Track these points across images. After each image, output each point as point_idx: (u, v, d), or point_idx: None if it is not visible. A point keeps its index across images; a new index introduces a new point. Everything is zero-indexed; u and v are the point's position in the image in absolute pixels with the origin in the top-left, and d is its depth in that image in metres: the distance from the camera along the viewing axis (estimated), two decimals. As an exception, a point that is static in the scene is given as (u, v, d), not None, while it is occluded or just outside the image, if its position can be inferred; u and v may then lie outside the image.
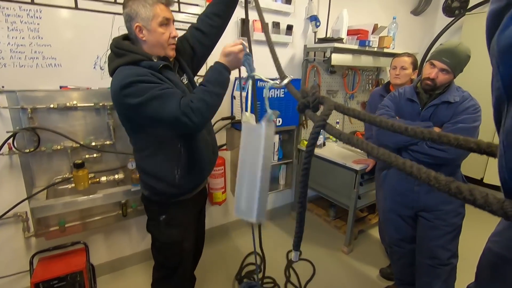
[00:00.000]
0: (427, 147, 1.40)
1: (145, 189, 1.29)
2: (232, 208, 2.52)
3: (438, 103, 1.42)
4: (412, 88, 1.53)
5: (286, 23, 2.31)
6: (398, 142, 1.48)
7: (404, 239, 1.68)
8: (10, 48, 1.44)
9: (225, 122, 2.19)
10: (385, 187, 1.68)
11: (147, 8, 1.06)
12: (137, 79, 1.01)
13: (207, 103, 1.04)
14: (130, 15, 1.08)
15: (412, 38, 3.40)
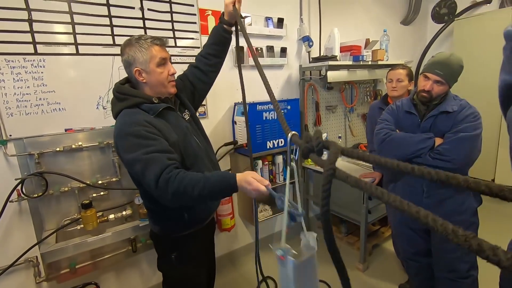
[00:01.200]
0: (430, 158, 1.39)
1: (153, 224, 1.29)
2: (240, 233, 2.49)
3: (437, 113, 1.43)
4: (409, 100, 1.54)
5: (280, 46, 2.38)
6: (402, 155, 1.46)
7: (419, 252, 1.64)
8: (16, 98, 1.49)
9: (229, 147, 2.21)
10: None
11: (143, 52, 1.10)
12: (130, 132, 1.03)
13: (188, 193, 0.97)
14: (128, 61, 1.12)
15: (404, 47, 3.45)
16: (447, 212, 1.45)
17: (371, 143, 2.14)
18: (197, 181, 0.98)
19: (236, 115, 2.18)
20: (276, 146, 2.22)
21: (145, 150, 1.00)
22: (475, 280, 1.53)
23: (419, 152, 1.41)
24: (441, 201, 1.46)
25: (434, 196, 1.46)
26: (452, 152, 1.35)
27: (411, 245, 1.65)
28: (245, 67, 2.25)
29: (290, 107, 2.25)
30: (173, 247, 1.25)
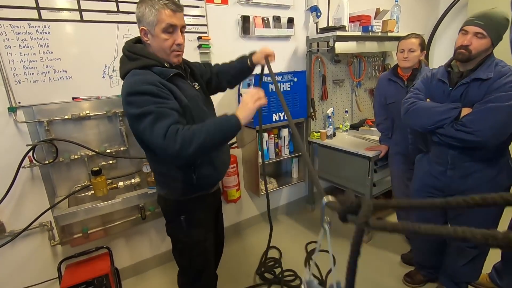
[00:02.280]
0: (453, 129, 1.32)
1: (162, 188, 1.28)
2: (246, 206, 2.54)
3: (469, 81, 1.31)
4: (443, 67, 1.44)
5: (287, 16, 2.31)
6: (424, 125, 1.43)
7: (423, 220, 1.66)
8: (23, 65, 1.49)
9: (234, 120, 2.20)
10: (418, 168, 1.64)
11: (152, 12, 1.03)
12: (143, 89, 1.00)
13: (198, 140, 0.98)
14: (138, 17, 1.08)
15: (416, 19, 3.33)
16: (471, 187, 1.41)
17: (378, 115, 2.12)
18: (203, 125, 1.02)
19: (242, 87, 2.16)
20: (282, 119, 2.21)
21: (158, 105, 1.00)
22: (482, 253, 1.53)
23: (441, 123, 1.36)
24: (467, 175, 1.41)
25: (459, 169, 1.42)
26: (476, 123, 1.25)
27: (423, 213, 1.65)
28: (251, 37, 2.21)
29: (296, 79, 2.22)
30: (181, 210, 1.26)
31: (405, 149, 1.97)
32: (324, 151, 2.53)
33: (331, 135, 2.51)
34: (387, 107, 2.02)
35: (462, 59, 1.33)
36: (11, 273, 1.64)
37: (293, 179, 2.54)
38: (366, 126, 2.69)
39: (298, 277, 1.96)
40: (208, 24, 2.00)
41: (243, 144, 2.29)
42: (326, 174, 2.59)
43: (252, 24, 2.16)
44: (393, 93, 1.95)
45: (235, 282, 1.96)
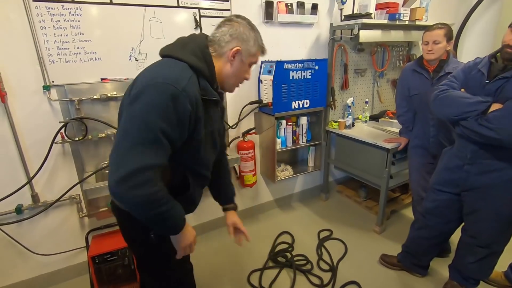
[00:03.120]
0: (477, 123, 1.29)
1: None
2: (261, 191, 2.59)
3: (509, 76, 1.24)
4: (488, 57, 1.37)
5: (311, 2, 2.27)
6: (449, 114, 1.40)
7: (435, 212, 1.64)
8: (56, 45, 1.57)
9: (253, 106, 2.23)
10: (439, 162, 1.62)
11: (256, 44, 1.02)
12: (169, 95, 0.80)
13: (153, 211, 0.81)
14: (237, 36, 0.97)
15: (447, 8, 3.17)
16: (487, 184, 1.39)
17: (400, 107, 2.08)
18: (172, 204, 0.86)
19: (262, 74, 2.17)
20: (301, 106, 2.21)
21: (162, 125, 0.79)
22: (494, 253, 1.51)
23: (465, 115, 1.32)
24: (484, 172, 1.38)
25: (477, 165, 1.39)
26: (500, 120, 1.21)
27: (433, 203, 1.63)
28: (274, 23, 2.19)
29: (318, 67, 2.20)
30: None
31: (426, 142, 1.94)
32: (341, 141, 2.52)
33: (349, 125, 2.50)
34: (410, 99, 1.98)
35: (507, 58, 1.27)
36: (42, 240, 1.78)
37: (309, 168, 2.56)
38: (386, 118, 2.64)
39: (309, 262, 2.01)
40: (232, 9, 2.00)
41: (261, 131, 2.32)
42: (342, 164, 2.59)
43: (275, 9, 2.14)
44: (417, 84, 1.90)
45: (247, 264, 2.03)
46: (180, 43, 0.98)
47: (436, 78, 1.80)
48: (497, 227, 1.44)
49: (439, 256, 1.99)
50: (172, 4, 1.80)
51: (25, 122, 1.59)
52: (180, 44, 0.97)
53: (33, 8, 1.48)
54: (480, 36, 3.30)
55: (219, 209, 1.41)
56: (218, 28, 1.00)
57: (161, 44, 1.76)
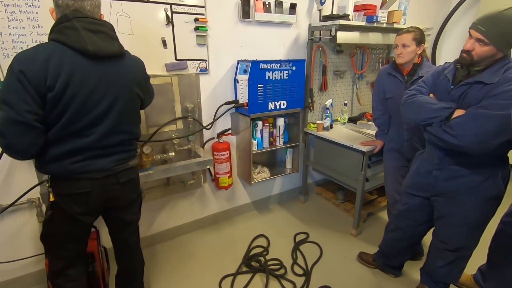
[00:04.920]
0: (440, 130, 1.28)
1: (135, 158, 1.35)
2: (238, 193, 2.54)
3: (471, 82, 1.24)
4: (454, 63, 1.36)
5: (290, 1, 2.23)
6: (415, 119, 1.39)
7: (406, 215, 1.65)
8: (11, 38, 1.46)
9: (229, 106, 2.17)
10: (412, 166, 1.62)
11: None
12: None
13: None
14: None
15: (426, 11, 3.21)
16: (455, 190, 1.39)
17: (376, 110, 2.07)
18: None
19: (239, 73, 2.11)
20: (278, 108, 2.17)
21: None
22: (463, 257, 1.52)
23: (431, 121, 1.31)
24: (451, 178, 1.38)
25: (444, 170, 1.39)
26: (461, 127, 1.21)
27: (404, 205, 1.64)
28: (251, 22, 2.14)
29: (295, 68, 2.16)
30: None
31: (400, 145, 1.94)
32: (319, 143, 2.50)
33: (327, 127, 2.47)
34: (385, 102, 1.97)
35: (464, 63, 1.27)
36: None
37: (287, 170, 2.52)
38: (364, 120, 2.64)
39: (283, 267, 1.97)
40: (206, 6, 1.94)
41: (237, 131, 2.26)
42: (320, 167, 2.57)
43: (252, 8, 2.09)
44: (392, 87, 1.90)
45: (221, 268, 1.98)
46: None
47: (410, 82, 1.79)
48: (465, 232, 1.44)
49: (413, 259, 2.00)
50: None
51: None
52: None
53: None
54: (458, 40, 3.36)
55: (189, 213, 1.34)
56: None
57: (130, 40, 1.70)
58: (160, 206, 2.17)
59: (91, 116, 1.10)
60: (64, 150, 1.09)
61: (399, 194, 1.94)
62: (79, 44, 1.02)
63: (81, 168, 1.13)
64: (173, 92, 1.93)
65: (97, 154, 1.16)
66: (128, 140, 1.25)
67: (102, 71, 1.10)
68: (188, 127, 2.03)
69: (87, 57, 1.05)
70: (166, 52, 1.87)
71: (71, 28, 1.02)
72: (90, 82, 1.07)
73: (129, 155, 1.28)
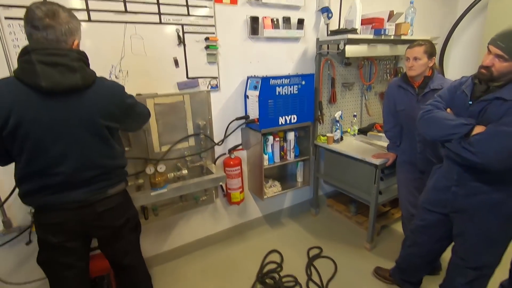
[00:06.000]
0: (459, 146, 1.26)
1: (123, 182, 1.32)
2: (250, 207, 2.53)
3: (491, 98, 1.21)
4: (471, 77, 1.34)
5: (297, 17, 2.26)
6: (433, 136, 1.39)
7: (424, 231, 1.61)
8: (30, 64, 1.50)
9: (240, 122, 2.18)
10: (429, 181, 1.60)
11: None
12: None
13: None
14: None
15: (432, 21, 3.22)
16: (475, 207, 1.36)
17: (387, 122, 2.06)
18: None
19: (249, 89, 2.14)
20: (288, 122, 2.18)
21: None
22: (485, 276, 1.47)
23: (449, 137, 1.30)
24: (471, 195, 1.35)
25: (464, 186, 1.37)
26: (482, 144, 1.19)
27: (422, 220, 1.60)
28: (260, 39, 2.17)
29: (304, 83, 2.18)
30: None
31: (413, 157, 1.92)
32: (330, 156, 2.49)
33: (338, 140, 2.47)
34: (396, 114, 1.97)
35: (482, 79, 1.26)
36: (16, 267, 1.68)
37: (298, 183, 2.51)
38: (374, 131, 2.63)
39: (298, 283, 1.94)
40: (216, 25, 1.97)
41: (248, 146, 2.27)
42: (331, 179, 2.56)
43: (261, 25, 2.12)
44: (403, 100, 1.90)
45: (234, 286, 1.96)
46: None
47: (422, 95, 1.79)
48: (486, 250, 1.41)
49: (431, 274, 1.96)
50: (154, 21, 1.76)
51: None
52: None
53: (6, 26, 1.42)
54: (465, 48, 3.36)
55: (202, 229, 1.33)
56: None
57: (143, 61, 1.73)
58: (172, 223, 2.17)
59: (50, 156, 1.06)
60: (34, 187, 1.09)
61: (413, 207, 1.92)
62: (32, 80, 0.97)
63: (53, 201, 1.12)
64: (185, 110, 1.95)
65: (68, 188, 1.13)
66: (102, 175, 1.19)
67: (58, 108, 1.03)
68: (200, 144, 2.05)
69: (41, 93, 0.99)
70: (178, 71, 1.91)
71: (27, 62, 0.98)
72: (44, 121, 1.02)
73: (108, 184, 1.23)
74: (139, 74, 1.78)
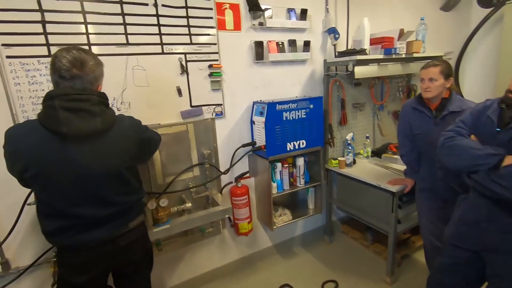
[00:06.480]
0: (488, 179, 1.15)
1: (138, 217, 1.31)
2: (259, 237, 2.40)
3: None
4: (497, 102, 1.22)
5: (303, 39, 2.20)
6: (457, 165, 1.27)
7: (451, 269, 1.44)
8: (31, 101, 1.48)
9: (247, 149, 2.10)
10: (454, 212, 1.45)
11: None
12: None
13: None
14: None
15: (445, 36, 3.11)
16: (510, 244, 1.21)
17: (403, 146, 1.93)
18: None
19: (255, 115, 2.06)
20: (297, 148, 2.08)
21: None
22: None
23: (475, 168, 1.18)
24: (506, 232, 1.20)
25: (496, 222, 1.22)
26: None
27: (450, 258, 1.43)
28: (265, 63, 2.12)
29: (312, 106, 2.09)
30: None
31: (434, 184, 1.78)
32: (342, 180, 2.36)
33: (350, 163, 2.34)
34: (413, 138, 1.84)
35: (510, 104, 1.15)
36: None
37: (310, 210, 2.38)
38: (389, 153, 2.49)
39: (313, 325, 1.79)
40: (220, 51, 1.93)
41: (255, 174, 2.18)
42: (345, 205, 2.42)
43: (266, 49, 2.07)
44: (419, 123, 1.77)
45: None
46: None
47: (440, 118, 1.67)
48: None
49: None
50: (156, 51, 1.74)
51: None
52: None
53: (7, 65, 1.41)
54: (482, 63, 3.21)
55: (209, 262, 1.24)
56: None
57: (145, 91, 1.70)
58: (178, 257, 2.06)
59: (70, 197, 1.09)
60: (55, 226, 1.12)
61: (437, 239, 1.76)
62: (54, 126, 1.00)
63: (76, 241, 1.13)
64: (189, 139, 1.89)
65: (90, 227, 1.14)
66: (122, 210, 1.21)
67: (79, 152, 1.05)
68: (205, 173, 1.97)
69: (62, 138, 1.01)
70: (181, 100, 1.86)
71: (50, 108, 1.01)
72: (65, 164, 1.04)
73: (128, 218, 1.25)
74: (142, 105, 1.74)
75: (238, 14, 1.96)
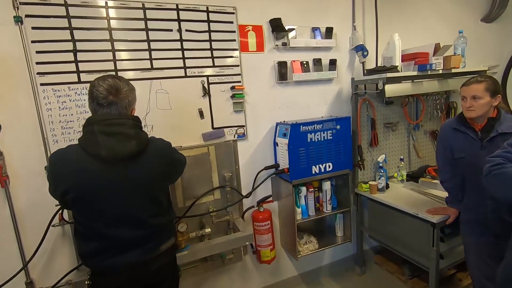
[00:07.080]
0: None
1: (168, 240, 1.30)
2: (283, 265, 2.26)
3: None
4: None
5: (329, 57, 2.13)
6: (507, 196, 1.09)
7: None
8: (61, 125, 1.55)
9: (269, 171, 2.02)
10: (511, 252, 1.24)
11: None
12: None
13: None
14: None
15: (487, 50, 2.86)
16: None
17: (443, 172, 1.73)
18: None
19: (278, 136, 1.99)
20: (322, 171, 1.96)
21: None
22: None
23: None
24: None
25: None
26: None
27: None
28: (289, 83, 2.06)
29: (339, 127, 1.97)
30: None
31: (482, 216, 1.55)
32: (374, 206, 2.17)
33: (383, 188, 2.15)
34: (455, 163, 1.64)
35: None
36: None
37: (338, 238, 2.20)
38: (427, 177, 2.26)
39: None
40: (243, 73, 1.92)
41: (279, 198, 2.08)
42: (378, 235, 2.21)
43: (289, 69, 2.02)
44: (462, 146, 1.58)
45: None
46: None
47: (487, 140, 1.47)
48: None
49: None
50: (179, 75, 1.76)
51: (26, 205, 1.54)
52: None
53: (41, 92, 1.50)
54: (533, 76, 2.88)
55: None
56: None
57: (168, 114, 1.70)
58: (197, 284, 1.99)
59: (107, 219, 1.12)
60: (92, 248, 1.14)
61: (488, 280, 1.51)
62: (94, 150, 1.05)
63: (110, 264, 1.15)
64: (210, 161, 1.86)
65: (124, 249, 1.16)
66: (154, 233, 1.22)
67: (116, 173, 1.09)
68: (226, 197, 1.91)
69: (101, 161, 1.06)
70: (203, 122, 1.85)
71: (90, 133, 1.07)
72: (103, 186, 1.08)
73: (160, 240, 1.26)
74: (164, 128, 1.75)
75: (261, 36, 1.95)
